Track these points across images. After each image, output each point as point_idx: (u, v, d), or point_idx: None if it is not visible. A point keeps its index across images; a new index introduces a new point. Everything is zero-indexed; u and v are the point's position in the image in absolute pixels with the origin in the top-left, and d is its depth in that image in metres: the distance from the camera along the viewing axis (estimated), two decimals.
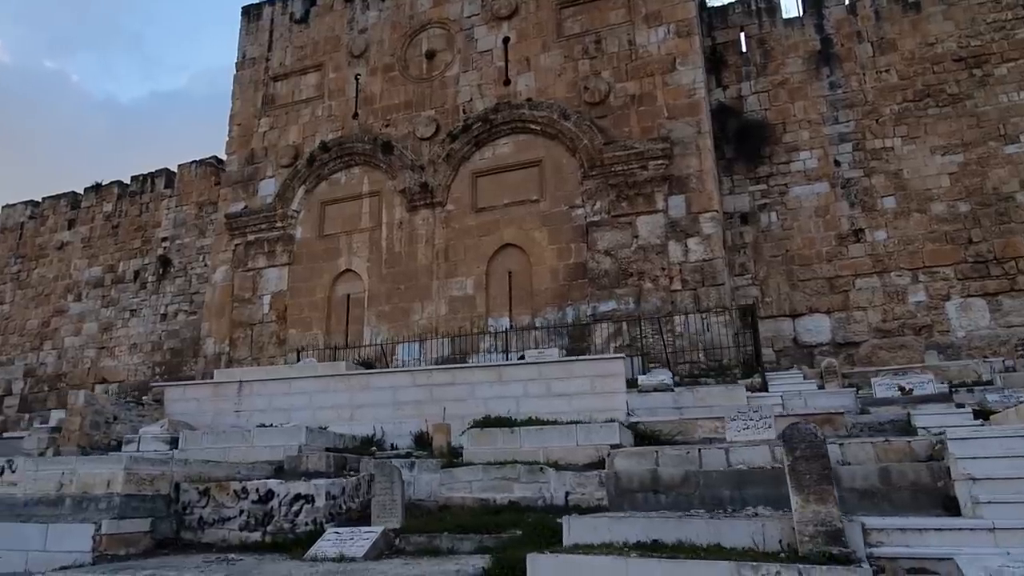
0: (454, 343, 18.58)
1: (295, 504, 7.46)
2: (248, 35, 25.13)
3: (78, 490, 7.23)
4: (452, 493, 8.15)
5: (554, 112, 19.33)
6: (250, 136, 23.72)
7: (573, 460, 8.61)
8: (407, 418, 11.41)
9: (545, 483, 7.88)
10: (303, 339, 20.71)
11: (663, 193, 17.94)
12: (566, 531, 5.34)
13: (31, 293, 28.73)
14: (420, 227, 20.29)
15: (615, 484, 6.94)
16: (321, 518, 7.34)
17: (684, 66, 18.68)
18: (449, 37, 21.74)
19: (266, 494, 7.61)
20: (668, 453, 7.51)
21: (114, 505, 7.07)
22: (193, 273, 25.78)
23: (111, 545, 6.84)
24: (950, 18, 18.73)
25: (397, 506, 6.98)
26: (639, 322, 17.29)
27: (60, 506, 7.23)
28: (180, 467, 8.12)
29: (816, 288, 18.05)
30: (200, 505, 7.74)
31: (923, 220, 17.62)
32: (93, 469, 7.33)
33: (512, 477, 8.00)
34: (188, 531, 7.69)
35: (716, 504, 6.23)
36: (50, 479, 7.35)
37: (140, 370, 25.43)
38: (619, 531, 5.07)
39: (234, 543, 7.39)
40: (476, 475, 8.19)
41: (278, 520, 7.44)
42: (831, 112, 19.04)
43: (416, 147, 20.90)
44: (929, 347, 16.75)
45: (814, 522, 4.56)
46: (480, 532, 6.54)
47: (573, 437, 8.97)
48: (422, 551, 6.39)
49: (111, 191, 28.53)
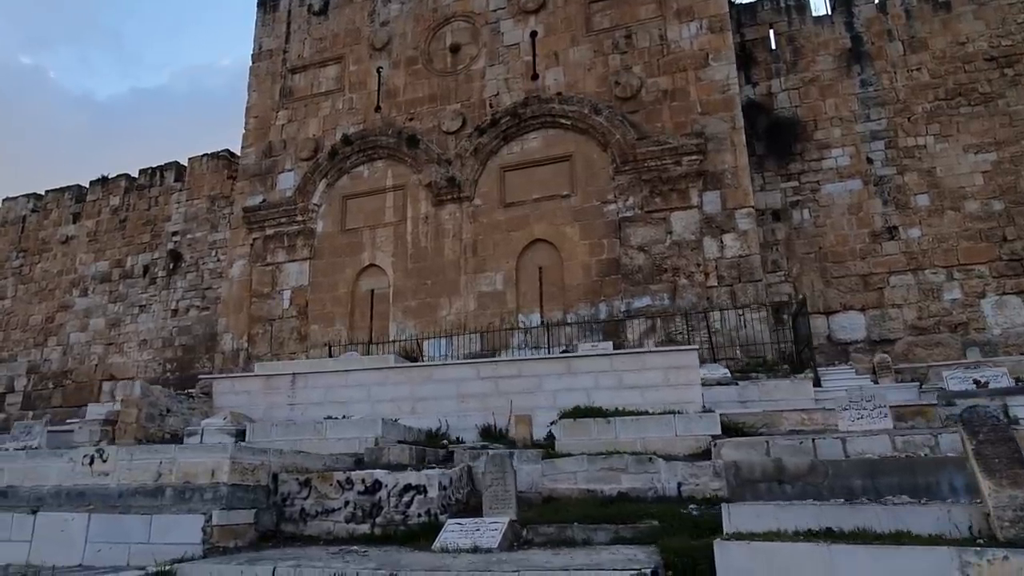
0: (484, 339, 18.32)
1: (405, 495, 7.15)
2: (264, 27, 24.73)
3: (179, 480, 6.87)
4: (555, 484, 7.89)
5: (585, 107, 19.14)
6: (267, 129, 23.31)
7: (673, 451, 8.40)
8: (471, 411, 11.14)
9: (655, 473, 7.66)
10: (325, 335, 20.35)
11: (697, 189, 17.81)
12: (726, 519, 5.13)
13: (34, 288, 28.05)
14: (447, 222, 20.02)
15: (735, 474, 6.74)
16: (435, 509, 7.04)
17: (717, 62, 18.57)
18: (474, 31, 21.49)
19: (373, 485, 7.30)
20: (780, 444, 7.34)
21: (221, 495, 6.72)
22: (205, 268, 25.27)
23: (222, 537, 6.49)
24: (980, 18, 18.79)
25: (510, 497, 6.72)
26: (674, 318, 17.16)
27: (160, 496, 6.87)
28: (276, 457, 7.79)
29: (850, 285, 18.00)
30: (301, 496, 7.41)
31: (957, 218, 17.63)
32: (196, 458, 6.97)
33: (619, 467, 7.77)
34: (289, 523, 7.36)
35: (848, 494, 6.06)
36: (146, 468, 6.98)
37: (151, 367, 24.87)
38: (785, 519, 4.87)
39: (341, 536, 7.08)
40: (580, 465, 7.94)
41: (387, 512, 7.13)
42: (863, 110, 19.03)
43: (442, 141, 20.62)
44: (966, 344, 16.76)
45: (1012, 507, 4.39)
46: (611, 522, 6.31)
47: (672, 427, 8.76)
48: (555, 542, 6.13)
49: (118, 184, 27.93)
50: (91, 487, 7.09)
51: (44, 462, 7.47)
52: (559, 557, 5.32)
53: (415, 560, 5.48)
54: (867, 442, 7.21)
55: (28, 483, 7.39)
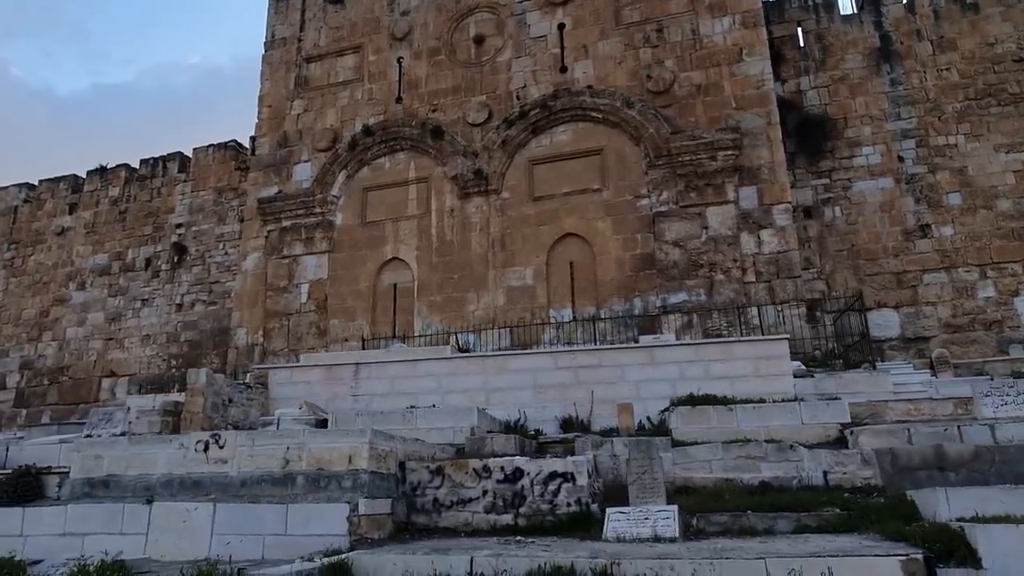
0: (513, 334, 17.94)
1: (550, 483, 6.75)
2: (277, 14, 24.10)
3: (310, 467, 6.38)
4: (689, 473, 7.56)
5: (617, 100, 18.90)
6: (282, 118, 22.70)
7: (799, 439, 8.12)
8: (549, 402, 10.76)
9: (797, 462, 7.37)
10: (346, 329, 19.82)
11: (733, 184, 17.67)
12: (942, 502, 4.86)
13: (27, 281, 27.00)
14: (473, 215, 19.62)
15: (891, 462, 6.50)
16: (586, 498, 6.64)
17: (751, 57, 18.47)
18: (499, 22, 21.15)
19: (513, 473, 6.87)
20: (922, 431, 7.12)
21: (362, 483, 6.23)
22: (212, 261, 24.52)
23: (369, 527, 6.02)
24: (1008, 20, 18.96)
25: (659, 485, 6.39)
26: (711, 314, 16.97)
27: (290, 485, 6.37)
28: (401, 444, 7.31)
29: (883, 283, 17.99)
30: (433, 486, 6.95)
31: (989, 216, 17.72)
32: (328, 443, 6.48)
33: (757, 456, 7.46)
34: (421, 515, 6.89)
35: (1018, 480, 5.85)
36: (271, 455, 6.46)
37: (154, 363, 24.06)
38: (1013, 504, 4.63)
39: (481, 527, 6.63)
40: (714, 453, 7.62)
41: (532, 501, 6.71)
42: (893, 108, 19.07)
43: (467, 133, 20.24)
44: (1000, 342, 16.81)
45: None
46: (764, 511, 6.01)
47: (797, 415, 8.50)
48: (733, 531, 5.81)
49: (117, 175, 27.02)
50: (208, 475, 6.56)
51: (150, 449, 6.90)
52: (768, 544, 4.98)
53: (612, 551, 5.07)
54: (1017, 428, 7.02)
55: (132, 472, 6.83)
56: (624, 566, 4.51)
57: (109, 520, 6.43)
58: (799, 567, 4.14)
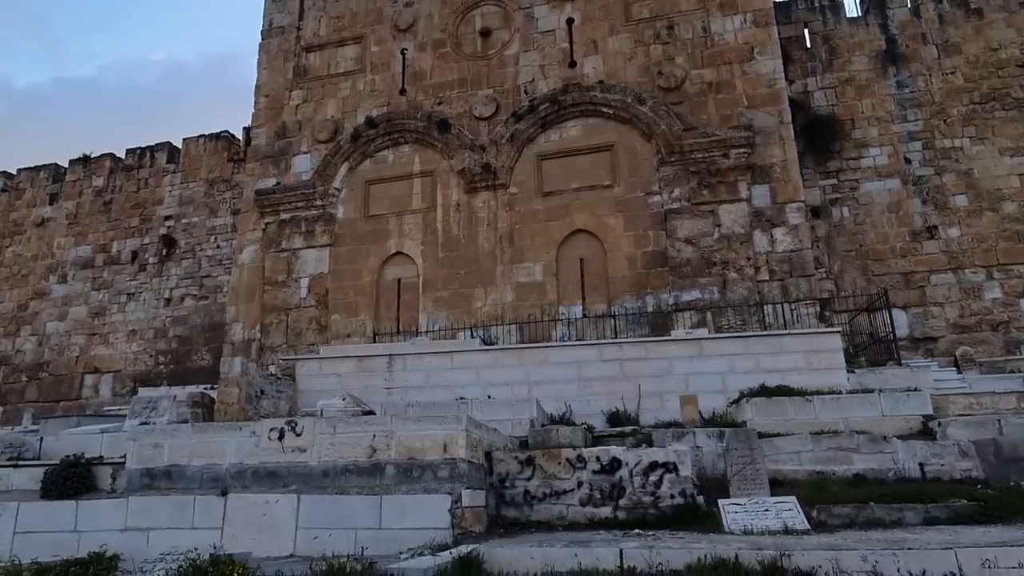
0: (522, 331, 17.67)
1: (651, 474, 6.46)
2: (275, 2, 23.49)
3: (400, 456, 5.98)
4: (777, 465, 7.34)
5: (628, 96, 18.75)
6: (280, 109, 22.12)
7: (880, 430, 7.98)
8: (595, 395, 10.51)
9: (891, 453, 7.21)
10: (348, 325, 19.32)
11: (746, 182, 17.61)
12: None
13: (4, 273, 25.95)
14: (480, 210, 19.30)
15: (995, 453, 6.36)
16: (691, 490, 6.37)
17: (763, 55, 18.46)
18: (506, 15, 20.87)
19: (610, 463, 6.56)
20: (1013, 422, 7.02)
21: (460, 473, 5.84)
22: (203, 255, 23.82)
23: (472, 520, 5.67)
24: (1012, 25, 19.26)
25: (761, 476, 6.17)
26: (725, 312, 16.87)
27: (379, 475, 5.97)
28: (487, 434, 6.93)
29: (891, 283, 18.09)
30: (523, 477, 6.61)
31: (995, 219, 17.94)
32: (421, 431, 6.08)
33: (849, 448, 7.29)
34: (510, 507, 6.54)
35: None
36: (356, 444, 6.05)
37: (141, 359, 23.26)
38: None
39: (577, 520, 6.30)
40: (803, 445, 7.42)
41: (632, 492, 6.41)
42: (899, 110, 19.23)
43: (473, 127, 19.91)
44: (1008, 343, 17.00)
45: None
46: (919, 502, 5.81)
47: (877, 407, 8.35)
48: (858, 523, 5.60)
49: (102, 164, 26.14)
50: (284, 465, 6.13)
51: (217, 437, 6.42)
52: (920, 535, 4.76)
53: (756, 542, 4.79)
54: None
55: (198, 461, 6.35)
56: (796, 558, 4.27)
57: (177, 513, 5.97)
58: (993, 557, 3.96)
